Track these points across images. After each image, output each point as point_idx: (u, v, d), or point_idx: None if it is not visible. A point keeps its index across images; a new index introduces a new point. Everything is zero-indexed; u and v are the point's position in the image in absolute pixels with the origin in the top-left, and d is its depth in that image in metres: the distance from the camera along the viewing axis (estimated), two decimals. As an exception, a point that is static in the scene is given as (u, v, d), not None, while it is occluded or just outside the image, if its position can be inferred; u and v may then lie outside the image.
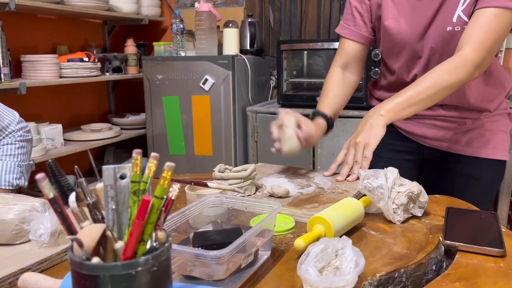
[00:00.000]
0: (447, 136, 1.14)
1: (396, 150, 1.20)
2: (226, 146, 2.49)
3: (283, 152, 1.00)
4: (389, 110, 0.97)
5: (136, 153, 0.43)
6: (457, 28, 1.01)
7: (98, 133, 2.62)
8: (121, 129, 2.83)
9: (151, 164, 0.44)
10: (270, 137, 1.05)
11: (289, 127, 1.00)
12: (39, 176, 0.39)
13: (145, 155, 2.56)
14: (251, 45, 2.65)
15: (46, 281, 0.55)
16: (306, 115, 1.09)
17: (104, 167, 0.44)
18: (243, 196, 0.85)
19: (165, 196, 0.44)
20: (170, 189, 0.46)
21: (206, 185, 0.83)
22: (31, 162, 1.22)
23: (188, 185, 0.84)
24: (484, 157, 1.13)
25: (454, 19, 1.00)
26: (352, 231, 0.77)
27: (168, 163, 0.41)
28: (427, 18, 1.04)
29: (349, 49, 1.19)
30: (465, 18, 0.99)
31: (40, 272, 0.63)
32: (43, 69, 2.27)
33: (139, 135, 2.81)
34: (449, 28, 1.02)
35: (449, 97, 1.02)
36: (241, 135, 2.53)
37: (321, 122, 1.11)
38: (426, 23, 1.05)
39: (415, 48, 1.08)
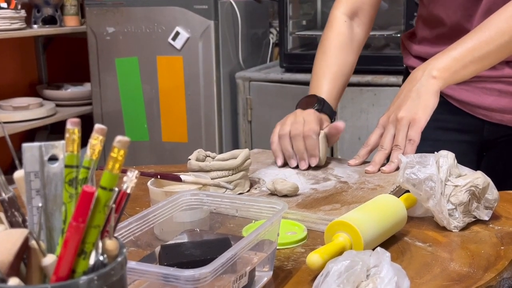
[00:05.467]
0: None
1: (445, 128, 1.20)
2: (207, 129, 2.48)
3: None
4: (443, 69, 0.97)
5: (72, 123, 0.41)
6: None
7: (23, 112, 2.60)
8: (57, 106, 2.81)
9: (95, 141, 0.42)
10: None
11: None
12: None
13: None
14: (242, -17, 2.63)
15: None
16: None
17: (25, 145, 0.42)
18: (232, 194, 0.84)
19: (116, 188, 0.43)
20: (125, 178, 0.45)
21: (178, 179, 0.82)
22: None
23: (152, 179, 0.82)
24: None
25: None
26: (390, 242, 0.76)
27: (119, 137, 0.39)
28: None
29: None
30: None
31: None
32: None
33: (82, 114, 2.79)
34: None
35: None
36: (229, 112, 2.52)
37: (325, 118, 1.11)
38: None
39: None
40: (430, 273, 0.68)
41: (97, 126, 0.42)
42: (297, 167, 1.04)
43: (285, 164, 1.06)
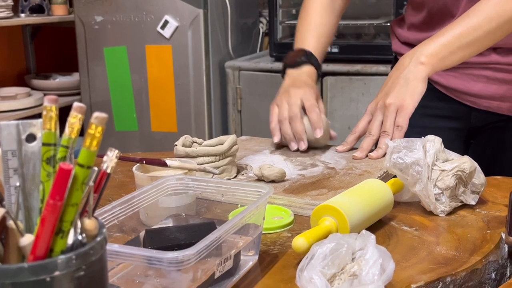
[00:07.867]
0: (505, 93, 1.14)
1: (433, 114, 1.20)
2: (197, 119, 2.48)
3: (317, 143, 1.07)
4: (431, 55, 0.97)
5: (50, 100, 0.40)
6: None
7: (11, 102, 2.59)
8: (45, 95, 2.79)
9: (74, 120, 0.41)
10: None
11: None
12: None
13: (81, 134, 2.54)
14: (232, -28, 2.62)
15: None
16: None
17: (2, 123, 0.41)
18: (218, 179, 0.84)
19: (95, 168, 0.42)
20: (105, 158, 0.44)
21: (164, 164, 0.81)
22: None
23: (138, 164, 0.82)
24: None
25: None
26: (377, 227, 0.76)
27: (96, 114, 0.39)
28: None
29: None
30: None
31: None
32: None
33: (71, 104, 2.76)
34: None
35: (506, 36, 1.02)
36: (218, 102, 2.51)
37: (311, 71, 1.15)
38: None
39: None
40: (416, 257, 0.68)
41: (76, 104, 0.41)
42: (284, 151, 1.04)
43: (274, 150, 1.06)
